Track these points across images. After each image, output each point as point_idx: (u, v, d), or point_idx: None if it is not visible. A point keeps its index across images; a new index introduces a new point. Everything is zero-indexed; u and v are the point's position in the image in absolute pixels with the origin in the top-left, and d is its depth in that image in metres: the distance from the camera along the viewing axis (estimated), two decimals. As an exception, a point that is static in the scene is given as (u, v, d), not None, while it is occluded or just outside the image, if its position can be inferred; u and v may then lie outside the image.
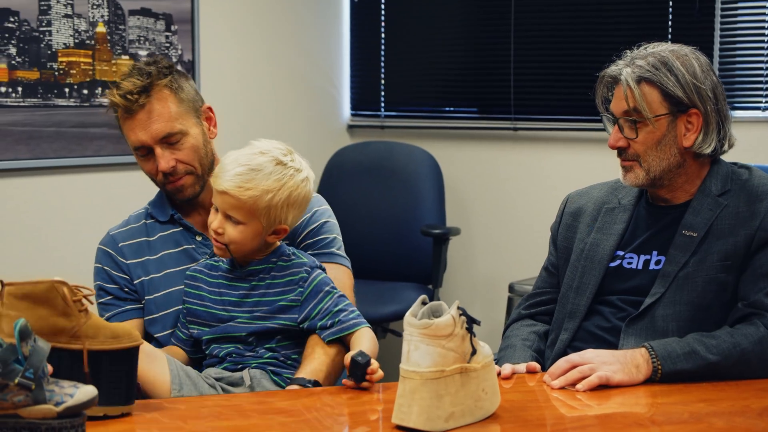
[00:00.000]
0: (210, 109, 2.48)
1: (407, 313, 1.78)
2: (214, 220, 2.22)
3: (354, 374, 2.04)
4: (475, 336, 1.83)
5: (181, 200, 2.43)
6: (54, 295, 1.78)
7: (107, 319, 2.42)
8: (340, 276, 2.38)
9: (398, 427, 1.78)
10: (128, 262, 2.45)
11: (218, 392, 2.17)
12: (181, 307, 2.34)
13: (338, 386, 2.10)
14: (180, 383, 2.14)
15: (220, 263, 2.29)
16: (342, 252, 2.44)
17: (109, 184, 4.08)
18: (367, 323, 2.25)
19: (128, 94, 2.34)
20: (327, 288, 2.23)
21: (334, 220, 2.47)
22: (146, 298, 2.42)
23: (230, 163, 2.20)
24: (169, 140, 2.37)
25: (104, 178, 4.07)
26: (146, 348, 2.09)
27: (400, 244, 4.56)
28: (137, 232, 2.48)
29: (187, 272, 2.33)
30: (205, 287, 2.28)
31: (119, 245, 2.46)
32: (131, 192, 4.16)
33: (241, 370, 2.21)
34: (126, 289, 2.44)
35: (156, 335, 2.40)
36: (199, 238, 2.43)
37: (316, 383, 2.14)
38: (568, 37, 4.57)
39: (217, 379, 2.20)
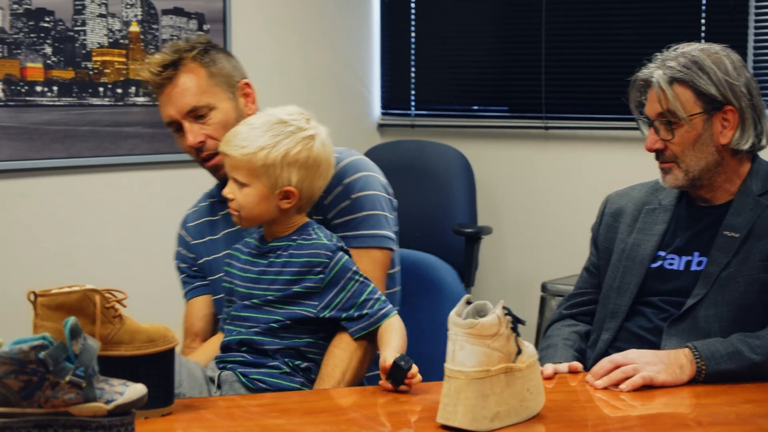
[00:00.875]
0: (248, 84, 2.43)
1: (452, 312, 1.78)
2: (227, 186, 2.18)
3: (394, 378, 2.00)
4: (519, 336, 1.83)
5: (221, 179, 2.36)
6: (87, 303, 1.77)
7: (184, 295, 2.45)
8: (366, 264, 2.24)
9: (443, 426, 1.77)
10: (193, 242, 2.45)
11: (211, 393, 2.14)
12: None
13: (377, 386, 2.09)
14: (180, 380, 2.11)
15: (253, 240, 2.22)
16: (376, 230, 2.29)
17: (143, 183, 4.11)
18: (394, 309, 2.17)
19: (155, 68, 2.31)
20: (349, 274, 2.13)
21: (370, 191, 2.31)
22: (209, 278, 2.42)
23: (237, 126, 2.18)
24: (197, 114, 2.32)
25: (138, 177, 4.09)
26: None
27: (431, 243, 4.52)
28: (204, 212, 2.47)
29: (229, 251, 2.27)
30: (236, 264, 2.22)
31: (188, 225, 2.48)
32: (164, 190, 4.18)
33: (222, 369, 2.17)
34: (194, 268, 2.45)
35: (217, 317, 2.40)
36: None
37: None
38: (600, 35, 4.56)
39: (211, 379, 2.17)
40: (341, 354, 2.16)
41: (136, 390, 1.63)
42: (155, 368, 1.83)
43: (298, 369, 2.15)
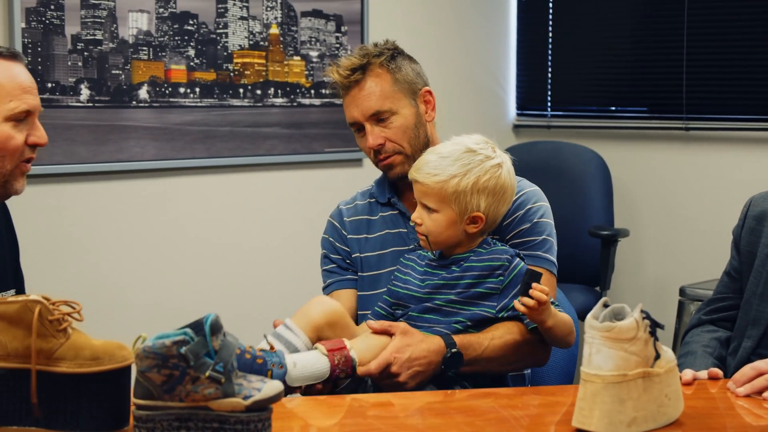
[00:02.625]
0: (429, 92, 2.53)
1: (589, 315, 1.76)
2: (415, 212, 2.27)
3: (523, 283, 2.09)
4: (658, 340, 1.79)
5: (393, 179, 2.49)
6: (28, 315, 1.69)
7: (328, 285, 2.53)
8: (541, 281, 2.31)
9: (579, 430, 1.76)
10: (349, 236, 2.53)
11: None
12: (384, 290, 2.37)
13: (514, 388, 2.08)
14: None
15: (430, 253, 2.31)
16: (549, 255, 2.40)
17: (280, 183, 4.18)
18: (568, 315, 2.22)
19: (344, 70, 2.43)
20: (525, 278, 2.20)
21: (547, 219, 2.42)
22: (359, 274, 2.50)
23: (426, 154, 2.27)
24: (379, 118, 2.43)
25: (275, 177, 4.16)
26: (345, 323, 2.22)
27: (567, 245, 4.47)
28: (361, 210, 2.56)
29: (401, 258, 2.36)
30: (412, 273, 2.30)
31: (344, 219, 2.56)
32: (300, 190, 4.25)
33: None
34: (347, 261, 2.53)
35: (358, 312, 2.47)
36: (412, 224, 2.40)
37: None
38: (747, 30, 4.40)
39: None
40: (500, 327, 2.22)
41: (273, 386, 1.65)
42: (100, 388, 1.68)
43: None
